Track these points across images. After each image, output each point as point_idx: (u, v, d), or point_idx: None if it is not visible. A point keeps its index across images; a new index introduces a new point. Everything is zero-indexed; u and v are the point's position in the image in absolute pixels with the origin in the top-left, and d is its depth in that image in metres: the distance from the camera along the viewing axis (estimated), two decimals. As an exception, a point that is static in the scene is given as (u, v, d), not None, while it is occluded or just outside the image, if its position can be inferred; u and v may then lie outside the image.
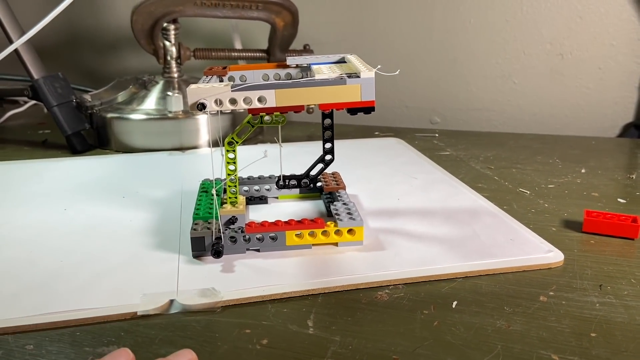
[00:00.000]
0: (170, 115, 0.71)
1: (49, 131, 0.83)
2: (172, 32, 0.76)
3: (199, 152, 0.70)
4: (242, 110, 0.39)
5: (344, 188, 0.50)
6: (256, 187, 0.52)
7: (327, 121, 0.46)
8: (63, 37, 1.03)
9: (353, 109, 0.39)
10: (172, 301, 0.35)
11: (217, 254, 0.39)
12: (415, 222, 0.47)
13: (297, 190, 0.52)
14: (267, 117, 0.44)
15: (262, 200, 0.52)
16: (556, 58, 0.82)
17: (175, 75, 0.78)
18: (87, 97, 0.73)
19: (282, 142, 0.75)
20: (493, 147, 0.72)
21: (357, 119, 0.91)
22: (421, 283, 0.37)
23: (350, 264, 0.39)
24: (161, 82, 0.77)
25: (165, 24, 0.75)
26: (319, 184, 0.51)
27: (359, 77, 0.38)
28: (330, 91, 0.38)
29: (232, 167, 0.44)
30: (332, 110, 0.44)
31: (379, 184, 0.57)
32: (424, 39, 0.87)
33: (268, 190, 0.52)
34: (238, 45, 0.86)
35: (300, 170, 0.50)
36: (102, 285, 0.37)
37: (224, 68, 0.46)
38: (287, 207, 0.50)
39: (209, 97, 0.37)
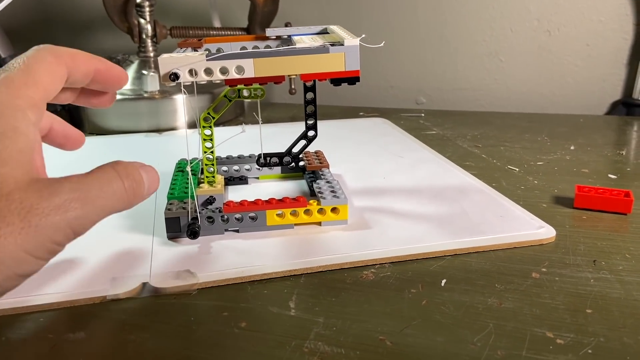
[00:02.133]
0: (146, 95, 0.68)
1: (20, 114, 0.80)
2: (147, 9, 0.73)
3: (177, 133, 0.67)
4: (218, 82, 0.36)
5: (327, 166, 0.48)
6: (236, 167, 0.49)
7: (310, 95, 0.43)
8: (33, 16, 0.99)
9: (337, 80, 0.37)
10: (144, 284, 0.33)
11: (194, 234, 0.37)
12: (402, 200, 0.45)
13: (279, 169, 0.50)
14: (245, 92, 0.42)
15: (242, 180, 0.49)
16: (544, 35, 0.80)
17: (151, 54, 0.75)
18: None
19: (265, 123, 0.72)
20: (480, 126, 0.70)
21: (341, 99, 0.89)
22: (408, 261, 0.36)
23: (334, 243, 0.37)
24: (136, 62, 0.74)
25: (138, 0, 0.71)
26: (301, 163, 0.49)
27: (342, 45, 0.36)
28: (312, 60, 0.36)
29: (208, 144, 0.42)
30: (315, 82, 0.42)
31: (365, 163, 0.55)
32: (409, 17, 0.85)
33: (248, 170, 0.50)
34: (217, 24, 0.83)
35: (283, 151, 0.48)
36: (70, 269, 0.34)
37: (200, 40, 0.43)
38: (268, 187, 0.48)
39: (183, 67, 0.35)
